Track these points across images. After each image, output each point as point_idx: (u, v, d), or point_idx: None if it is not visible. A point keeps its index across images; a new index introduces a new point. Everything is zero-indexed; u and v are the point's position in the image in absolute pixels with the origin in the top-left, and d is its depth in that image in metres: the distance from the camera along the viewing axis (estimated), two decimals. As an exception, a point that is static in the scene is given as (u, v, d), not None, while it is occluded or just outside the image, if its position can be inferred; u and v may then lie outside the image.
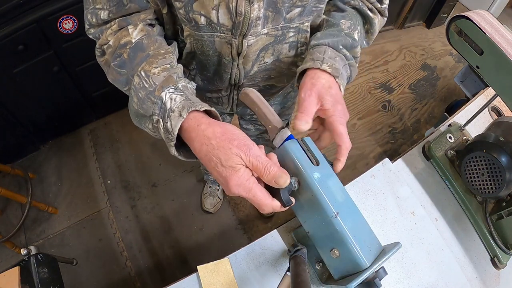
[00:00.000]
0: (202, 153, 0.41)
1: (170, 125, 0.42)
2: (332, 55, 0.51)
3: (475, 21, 0.59)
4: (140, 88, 0.45)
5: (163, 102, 0.43)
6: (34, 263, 0.89)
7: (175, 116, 0.42)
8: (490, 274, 0.71)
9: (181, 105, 0.43)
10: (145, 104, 0.45)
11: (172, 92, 0.44)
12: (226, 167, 0.39)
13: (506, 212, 0.68)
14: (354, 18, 0.57)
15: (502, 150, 0.63)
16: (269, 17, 0.52)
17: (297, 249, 0.52)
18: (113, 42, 0.50)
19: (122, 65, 0.48)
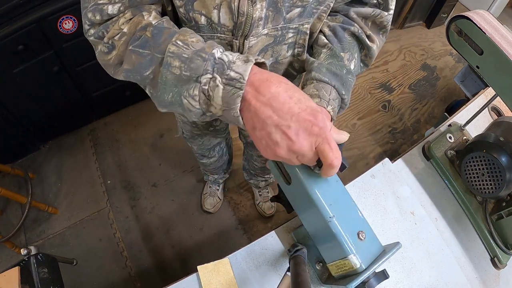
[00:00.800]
0: (281, 88, 0.38)
1: (237, 73, 0.38)
2: (334, 97, 0.51)
3: (475, 21, 0.59)
4: (182, 52, 0.41)
5: (217, 58, 0.39)
6: (34, 263, 0.89)
7: (239, 64, 0.38)
8: (490, 274, 0.71)
9: (241, 56, 0.40)
10: (193, 63, 0.39)
11: (222, 51, 0.41)
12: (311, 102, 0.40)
13: (506, 212, 0.68)
14: (352, 48, 0.57)
15: (502, 150, 0.63)
16: (269, 17, 0.51)
17: (297, 249, 0.52)
18: (129, 29, 0.45)
19: (145, 45, 0.43)
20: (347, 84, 0.54)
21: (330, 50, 0.56)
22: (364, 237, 0.44)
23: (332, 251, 0.45)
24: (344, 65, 0.55)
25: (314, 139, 0.38)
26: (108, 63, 0.49)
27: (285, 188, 0.48)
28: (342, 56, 0.55)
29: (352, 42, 0.57)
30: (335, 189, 0.47)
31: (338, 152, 0.38)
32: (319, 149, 0.38)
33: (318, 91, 0.50)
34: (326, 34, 0.58)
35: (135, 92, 1.84)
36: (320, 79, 0.52)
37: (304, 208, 0.46)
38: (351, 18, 0.58)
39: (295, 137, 0.37)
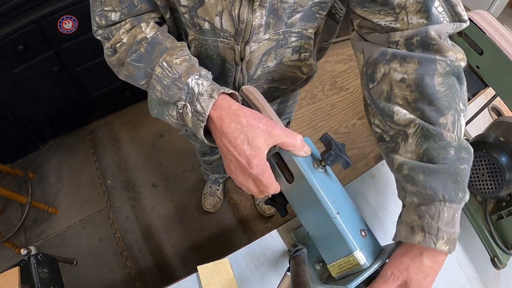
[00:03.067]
0: (230, 129, 0.42)
1: (201, 107, 0.43)
2: (449, 217, 0.38)
3: (475, 21, 0.59)
4: (164, 77, 0.46)
5: (190, 87, 0.44)
6: (34, 263, 0.89)
7: (204, 98, 0.43)
8: (490, 274, 0.71)
9: (209, 88, 0.44)
10: (171, 90, 0.46)
11: (197, 78, 0.45)
12: (252, 146, 0.41)
13: (506, 212, 0.68)
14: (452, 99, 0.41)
15: (502, 150, 0.63)
16: (271, 24, 0.52)
17: (297, 249, 0.52)
18: (128, 40, 0.50)
19: (140, 59, 0.49)
20: (462, 175, 0.39)
21: (421, 130, 0.41)
22: (366, 235, 0.45)
23: (335, 250, 0.45)
24: (449, 144, 0.40)
25: (248, 176, 0.44)
26: (111, 63, 0.55)
27: (285, 188, 0.48)
28: (442, 125, 0.40)
29: (449, 88, 0.42)
30: (336, 188, 0.47)
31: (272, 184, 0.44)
32: (256, 182, 0.44)
33: (421, 219, 0.39)
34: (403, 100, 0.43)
35: (135, 92, 1.83)
36: (420, 198, 0.40)
37: (306, 206, 0.46)
38: (431, 39, 0.43)
39: (234, 170, 0.44)
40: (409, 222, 0.40)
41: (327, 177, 0.46)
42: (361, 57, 0.49)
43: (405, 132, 0.43)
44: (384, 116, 0.45)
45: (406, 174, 0.41)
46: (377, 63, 0.46)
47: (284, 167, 0.47)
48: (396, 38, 0.45)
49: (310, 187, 0.43)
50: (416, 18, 0.44)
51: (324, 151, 0.45)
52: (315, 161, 0.46)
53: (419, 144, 0.41)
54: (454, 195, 0.38)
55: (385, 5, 0.45)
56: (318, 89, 2.14)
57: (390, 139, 0.45)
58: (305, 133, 1.93)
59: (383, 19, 0.46)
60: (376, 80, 0.46)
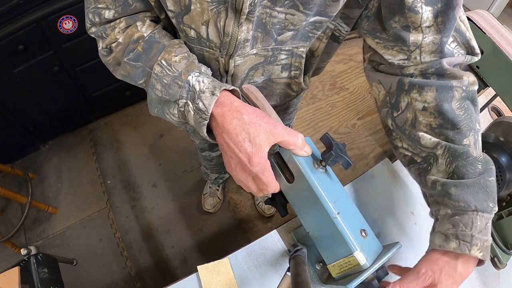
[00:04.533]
0: (231, 125, 0.41)
1: (203, 105, 0.43)
2: (482, 225, 0.40)
3: (475, 21, 0.59)
4: (164, 75, 0.45)
5: (191, 85, 0.44)
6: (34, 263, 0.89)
7: (207, 96, 0.43)
8: (490, 274, 0.71)
9: (211, 85, 0.44)
10: (171, 89, 0.45)
11: (197, 75, 0.45)
12: (253, 143, 0.41)
13: (506, 212, 0.68)
14: (470, 121, 0.44)
15: (502, 150, 0.63)
16: (258, 38, 0.50)
17: (297, 249, 0.52)
18: (123, 39, 0.49)
19: (138, 58, 0.48)
20: (491, 186, 0.42)
21: (448, 150, 0.43)
22: (366, 235, 0.45)
23: (335, 250, 0.45)
24: (476, 160, 0.42)
25: (248, 174, 0.43)
26: (107, 63, 0.54)
27: (285, 187, 0.48)
28: (466, 145, 0.43)
29: (466, 111, 0.44)
30: (337, 188, 0.47)
31: (272, 183, 0.44)
32: (255, 181, 0.44)
33: (455, 227, 0.41)
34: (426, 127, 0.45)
35: (135, 92, 1.83)
36: (453, 209, 0.42)
37: (307, 207, 0.46)
38: (444, 71, 0.45)
39: (235, 167, 0.44)
40: (443, 231, 0.42)
41: (327, 177, 0.46)
42: (381, 87, 0.51)
43: (434, 154, 0.45)
44: (413, 141, 0.47)
45: (440, 189, 0.43)
46: (399, 93, 0.48)
47: (285, 167, 0.47)
48: (411, 71, 0.47)
49: (310, 187, 0.43)
50: (429, 57, 0.45)
51: (324, 151, 0.45)
52: (316, 161, 0.46)
53: (449, 164, 0.44)
54: (485, 206, 0.41)
55: (398, 40, 0.45)
56: (318, 89, 2.14)
57: (422, 160, 0.47)
58: (305, 133, 1.93)
59: (395, 57, 0.47)
60: (400, 108, 0.48)
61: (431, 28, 0.43)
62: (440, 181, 0.43)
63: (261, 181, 0.43)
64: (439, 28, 0.43)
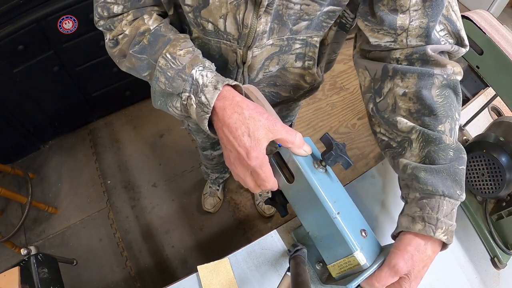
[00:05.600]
0: (232, 119, 0.42)
1: (206, 98, 0.43)
2: (448, 210, 0.42)
3: (475, 21, 0.59)
4: (168, 68, 0.46)
5: (194, 79, 0.44)
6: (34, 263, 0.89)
7: (209, 90, 0.43)
8: (490, 274, 0.71)
9: (214, 79, 0.44)
10: (175, 82, 0.45)
11: (201, 69, 0.45)
12: (252, 138, 0.41)
13: (506, 212, 0.68)
14: (449, 109, 0.45)
15: (502, 150, 0.63)
16: (275, 29, 0.51)
17: (297, 249, 0.52)
18: (130, 32, 0.50)
19: (143, 51, 0.49)
20: (460, 174, 0.43)
21: (422, 135, 0.45)
22: (366, 235, 0.45)
23: (335, 250, 0.45)
24: (449, 146, 0.43)
25: (246, 169, 0.43)
26: (113, 54, 0.54)
27: (285, 187, 0.48)
28: (441, 132, 0.44)
29: (446, 99, 0.45)
30: (337, 188, 0.47)
31: (270, 179, 0.44)
32: (253, 176, 0.44)
33: (422, 210, 0.42)
34: (406, 112, 0.47)
35: (135, 92, 1.84)
36: (422, 193, 0.43)
37: (307, 207, 0.46)
38: (428, 57, 0.46)
39: (233, 161, 0.44)
40: (410, 214, 0.44)
41: (327, 177, 0.46)
42: (367, 74, 0.52)
43: (409, 138, 0.46)
44: (390, 126, 0.49)
45: (410, 173, 0.45)
46: (383, 79, 0.49)
47: (285, 166, 0.47)
48: (397, 55, 0.49)
49: (310, 187, 0.43)
50: (415, 41, 0.47)
51: (324, 151, 0.45)
52: (316, 161, 0.46)
53: (422, 148, 0.45)
54: (453, 192, 0.42)
55: (385, 23, 0.46)
56: (318, 89, 2.14)
57: (397, 145, 0.49)
58: (305, 133, 1.93)
59: (382, 40, 0.48)
60: (382, 94, 0.50)
61: (419, 12, 0.44)
62: (411, 164, 0.45)
63: (259, 176, 0.44)
64: (426, 12, 0.44)
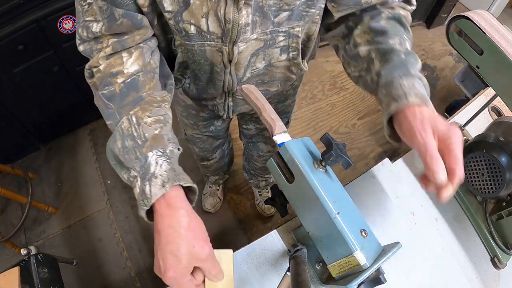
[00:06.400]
0: (165, 232, 0.40)
1: (149, 191, 0.40)
2: (409, 84, 0.46)
3: (475, 21, 0.59)
4: (128, 135, 0.43)
5: (147, 162, 0.41)
6: (34, 263, 0.89)
7: (156, 184, 0.40)
8: (490, 274, 0.71)
9: (166, 174, 0.41)
10: (128, 155, 0.43)
11: (159, 155, 0.42)
12: (176, 259, 0.39)
13: (506, 212, 0.68)
14: (397, 31, 0.52)
15: (502, 150, 0.63)
16: (257, 22, 0.52)
17: (297, 249, 0.52)
18: (104, 68, 0.48)
19: (111, 98, 0.46)
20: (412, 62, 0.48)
21: (377, 52, 0.51)
22: (366, 235, 0.45)
23: (335, 250, 0.45)
24: (400, 51, 0.49)
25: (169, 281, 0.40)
26: (90, 84, 0.53)
27: (285, 188, 0.48)
28: (392, 44, 0.50)
29: (393, 27, 0.52)
30: (337, 188, 0.47)
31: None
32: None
33: (389, 94, 0.47)
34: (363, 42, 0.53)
35: (135, 92, 1.84)
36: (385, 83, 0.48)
37: (307, 207, 0.46)
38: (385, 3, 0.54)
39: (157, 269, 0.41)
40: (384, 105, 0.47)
41: (327, 177, 0.46)
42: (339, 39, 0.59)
43: (371, 59, 0.51)
44: (356, 59, 0.54)
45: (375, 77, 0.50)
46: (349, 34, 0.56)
47: (285, 167, 0.47)
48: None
49: (310, 187, 0.43)
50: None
51: (324, 151, 0.45)
52: (316, 161, 0.46)
53: (381, 61, 0.50)
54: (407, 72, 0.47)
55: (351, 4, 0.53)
56: (318, 89, 2.14)
57: (365, 71, 0.53)
58: (305, 133, 1.93)
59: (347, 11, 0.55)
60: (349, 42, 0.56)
61: None
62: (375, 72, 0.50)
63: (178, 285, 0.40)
64: None
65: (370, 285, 0.43)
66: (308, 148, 0.48)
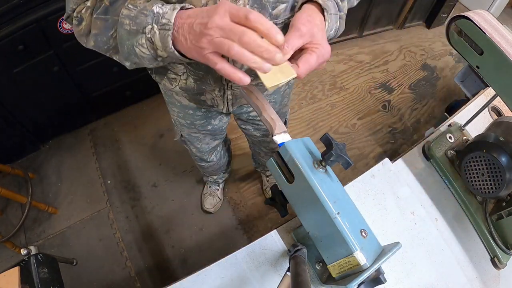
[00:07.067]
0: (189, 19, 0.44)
1: (166, 19, 0.46)
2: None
3: (475, 21, 0.59)
4: (130, 13, 0.49)
5: (155, 13, 0.47)
6: (34, 263, 0.89)
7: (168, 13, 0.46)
8: (490, 274, 0.71)
9: (171, 6, 0.47)
10: (138, 19, 0.48)
11: (160, 5, 0.48)
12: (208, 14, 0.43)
13: (506, 212, 0.68)
14: None
15: (502, 150, 0.63)
16: None
17: (297, 249, 0.52)
18: (91, 2, 0.53)
19: (106, 11, 0.51)
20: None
21: None
22: (366, 235, 0.45)
23: (335, 250, 0.45)
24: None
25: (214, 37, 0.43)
26: (80, 33, 0.57)
27: (285, 188, 0.48)
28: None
29: None
30: (337, 188, 0.47)
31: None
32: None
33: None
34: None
35: (135, 92, 1.84)
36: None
37: (307, 207, 0.46)
38: None
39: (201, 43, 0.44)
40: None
41: (327, 177, 0.46)
42: None
43: None
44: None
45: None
46: None
47: (285, 166, 0.47)
48: None
49: (310, 187, 0.43)
50: None
51: (324, 151, 0.45)
52: (316, 161, 0.46)
53: None
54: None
55: None
56: (318, 89, 2.14)
57: None
58: (305, 133, 1.93)
59: None
60: None
61: None
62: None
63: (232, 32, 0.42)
64: None
65: (370, 285, 0.43)
66: (308, 148, 0.48)
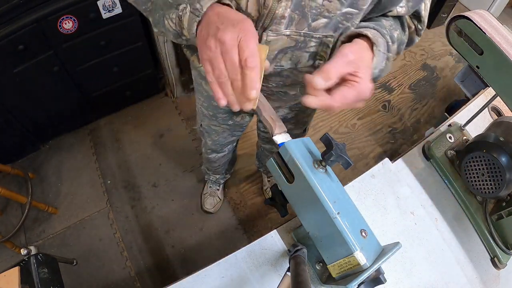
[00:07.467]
0: (213, 17, 0.45)
1: (200, 5, 0.46)
2: (376, 33, 0.52)
3: (475, 21, 0.59)
4: None
5: None
6: (34, 263, 0.89)
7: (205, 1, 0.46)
8: (490, 274, 0.71)
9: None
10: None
11: None
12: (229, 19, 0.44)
13: (506, 212, 0.68)
14: (394, 22, 0.58)
15: (502, 150, 0.63)
16: (294, 19, 0.52)
17: (297, 249, 0.52)
18: None
19: None
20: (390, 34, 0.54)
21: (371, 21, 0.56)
22: (366, 235, 0.45)
23: (335, 250, 0.45)
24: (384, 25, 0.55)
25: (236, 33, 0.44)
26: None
27: (285, 188, 0.48)
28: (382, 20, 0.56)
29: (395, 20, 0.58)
30: (337, 188, 0.47)
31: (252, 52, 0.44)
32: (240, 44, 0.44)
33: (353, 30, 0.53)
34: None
35: (135, 92, 1.84)
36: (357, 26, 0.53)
37: (307, 207, 0.46)
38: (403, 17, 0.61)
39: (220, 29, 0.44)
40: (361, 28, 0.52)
41: (327, 177, 0.46)
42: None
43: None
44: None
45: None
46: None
47: (285, 167, 0.47)
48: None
49: (310, 187, 0.43)
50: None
51: (324, 151, 0.45)
52: (316, 161, 0.46)
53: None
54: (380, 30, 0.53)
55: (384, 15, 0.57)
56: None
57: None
58: (305, 133, 1.93)
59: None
60: None
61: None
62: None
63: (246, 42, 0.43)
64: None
65: (370, 285, 0.43)
66: (308, 148, 0.48)
